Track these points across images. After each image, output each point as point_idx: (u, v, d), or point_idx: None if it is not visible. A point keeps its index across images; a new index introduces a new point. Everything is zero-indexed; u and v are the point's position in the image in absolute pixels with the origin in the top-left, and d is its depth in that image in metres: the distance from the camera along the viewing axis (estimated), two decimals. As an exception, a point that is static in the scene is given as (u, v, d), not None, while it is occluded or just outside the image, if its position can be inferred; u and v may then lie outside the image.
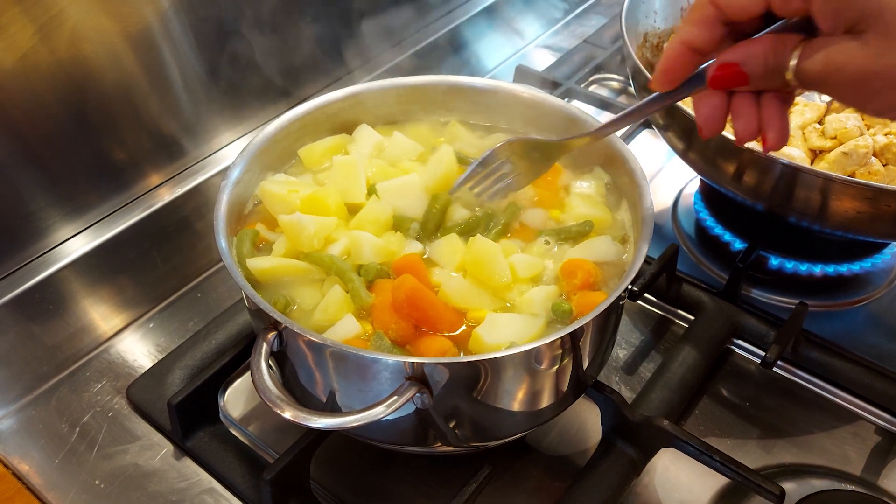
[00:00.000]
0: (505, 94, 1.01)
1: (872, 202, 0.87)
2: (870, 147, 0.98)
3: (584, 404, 0.93)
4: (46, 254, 1.02)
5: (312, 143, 0.98)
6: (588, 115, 0.95)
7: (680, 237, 1.21)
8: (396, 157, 0.98)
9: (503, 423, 0.80)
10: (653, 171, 1.33)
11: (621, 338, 1.06)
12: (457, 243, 0.86)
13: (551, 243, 0.88)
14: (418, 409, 0.72)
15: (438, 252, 0.86)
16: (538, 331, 0.79)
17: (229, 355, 0.93)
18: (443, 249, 0.85)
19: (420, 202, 0.91)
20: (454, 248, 0.85)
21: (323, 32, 1.27)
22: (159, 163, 1.12)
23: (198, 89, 1.13)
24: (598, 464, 0.86)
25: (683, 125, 0.99)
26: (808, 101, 1.06)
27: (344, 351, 0.71)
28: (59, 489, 0.88)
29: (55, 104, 0.98)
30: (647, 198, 0.83)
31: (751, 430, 0.96)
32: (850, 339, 1.04)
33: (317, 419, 0.68)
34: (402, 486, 0.88)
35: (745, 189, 0.98)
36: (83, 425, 0.94)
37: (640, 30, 1.19)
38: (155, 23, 1.04)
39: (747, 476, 0.81)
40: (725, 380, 1.01)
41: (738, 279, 1.05)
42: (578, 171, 0.98)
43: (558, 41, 1.67)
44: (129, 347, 1.04)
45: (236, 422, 0.95)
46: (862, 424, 0.96)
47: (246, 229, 0.87)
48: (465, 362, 0.70)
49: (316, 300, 0.81)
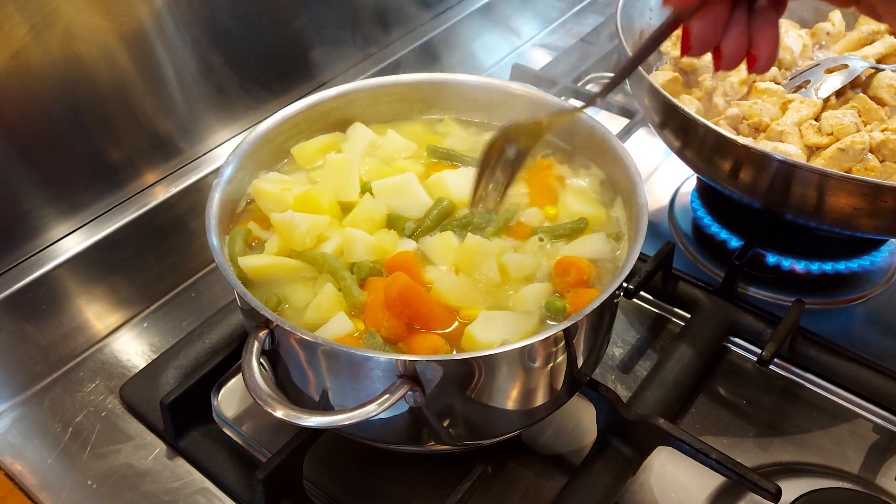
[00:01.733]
0: (499, 91, 1.01)
1: (869, 198, 0.87)
2: (866, 143, 0.97)
3: (579, 403, 0.93)
4: (40, 252, 1.01)
5: (305, 142, 0.97)
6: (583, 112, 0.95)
7: (676, 235, 1.20)
8: (390, 156, 0.98)
9: (497, 421, 0.79)
10: (649, 169, 1.32)
11: (617, 336, 1.05)
12: (451, 241, 0.85)
13: (545, 241, 0.87)
14: (411, 408, 0.72)
15: (432, 249, 0.85)
16: (531, 328, 0.78)
17: (223, 355, 0.93)
18: (436, 246, 0.85)
19: (415, 201, 0.90)
20: (448, 246, 0.85)
21: (317, 31, 1.26)
22: (153, 161, 1.11)
23: (192, 88, 1.12)
24: (593, 462, 0.86)
25: (680, 123, 0.98)
26: (804, 98, 1.06)
27: (335, 349, 0.70)
28: (52, 489, 0.88)
29: (49, 103, 0.97)
30: (641, 194, 0.83)
31: (747, 428, 0.95)
32: (847, 336, 1.03)
33: (308, 417, 0.68)
34: (396, 485, 0.88)
35: (742, 186, 0.97)
36: (76, 425, 0.94)
37: (635, 27, 1.19)
38: (149, 22, 1.04)
39: (743, 474, 0.80)
40: (722, 378, 1.01)
41: (734, 277, 1.05)
42: (573, 168, 0.97)
43: (555, 40, 1.67)
44: (122, 347, 1.04)
45: (230, 421, 0.94)
46: (859, 422, 0.96)
47: (238, 228, 0.87)
48: (457, 360, 0.69)
49: (308, 298, 0.81)
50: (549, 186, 0.94)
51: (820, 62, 1.13)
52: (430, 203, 0.90)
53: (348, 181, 0.91)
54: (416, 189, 0.91)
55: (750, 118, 1.05)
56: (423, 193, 0.91)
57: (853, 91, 1.09)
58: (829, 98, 1.07)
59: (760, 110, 1.05)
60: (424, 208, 0.90)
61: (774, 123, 1.03)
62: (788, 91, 1.10)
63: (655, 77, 1.16)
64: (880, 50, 1.14)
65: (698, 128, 0.95)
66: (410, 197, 0.91)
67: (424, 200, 0.90)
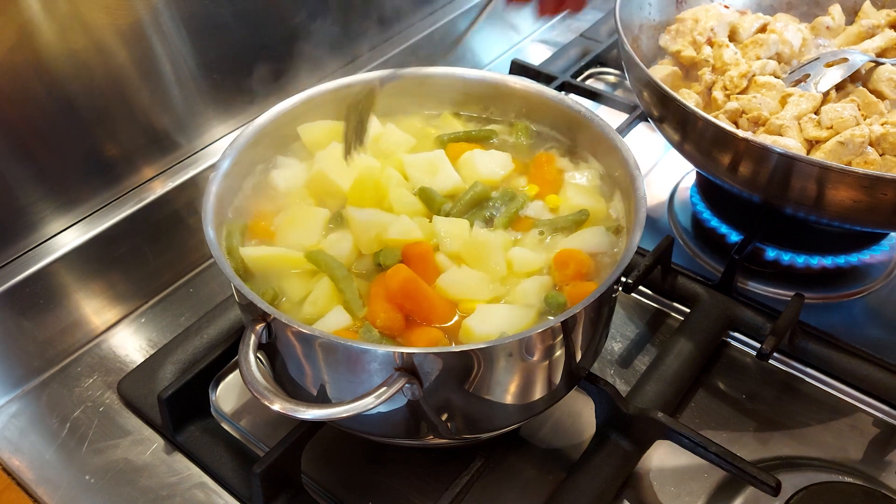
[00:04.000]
0: (497, 85, 1.00)
1: (869, 191, 0.87)
2: (866, 136, 0.97)
3: (578, 397, 0.92)
4: (37, 247, 1.01)
5: (312, 123, 0.97)
6: (580, 106, 0.95)
7: (676, 230, 1.20)
8: (390, 150, 0.97)
9: (495, 414, 0.79)
10: (649, 164, 1.32)
11: (616, 331, 1.05)
12: (464, 228, 0.85)
13: (545, 234, 0.87)
14: (409, 401, 0.72)
15: (445, 228, 0.85)
16: (529, 321, 0.78)
17: (220, 349, 0.93)
18: (450, 229, 0.85)
19: (445, 177, 0.92)
20: (460, 230, 0.85)
21: (316, 26, 1.26)
22: (151, 156, 1.11)
23: (189, 83, 1.12)
24: (592, 457, 0.85)
25: (679, 116, 0.98)
26: (804, 92, 1.05)
27: (333, 342, 0.70)
28: (50, 484, 0.88)
29: (46, 97, 0.97)
30: (640, 187, 0.82)
31: (747, 422, 0.95)
32: (847, 331, 1.03)
33: (305, 410, 0.67)
34: (394, 479, 0.88)
35: (741, 180, 0.97)
36: (74, 420, 0.94)
37: (634, 22, 1.19)
38: (146, 16, 1.03)
39: (743, 468, 0.80)
40: (721, 372, 1.00)
41: (733, 271, 1.04)
42: (573, 161, 0.97)
43: (554, 35, 1.66)
44: (120, 342, 1.04)
45: (228, 416, 0.94)
46: (859, 416, 0.96)
47: (235, 221, 0.87)
48: (454, 352, 0.69)
49: (306, 292, 0.81)
50: (549, 178, 0.94)
51: (819, 56, 1.13)
52: (458, 180, 0.92)
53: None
54: (445, 165, 0.92)
55: (749, 112, 1.05)
56: (452, 170, 0.93)
57: (853, 85, 1.08)
58: (829, 92, 1.06)
59: (760, 104, 1.05)
60: (452, 185, 0.91)
61: (774, 117, 1.03)
62: (788, 85, 1.09)
63: (654, 72, 1.16)
64: (880, 44, 1.14)
65: (698, 121, 0.94)
66: (440, 173, 0.92)
67: (453, 177, 0.92)
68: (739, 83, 1.09)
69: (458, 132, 0.99)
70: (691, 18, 1.19)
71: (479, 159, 0.94)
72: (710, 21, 1.17)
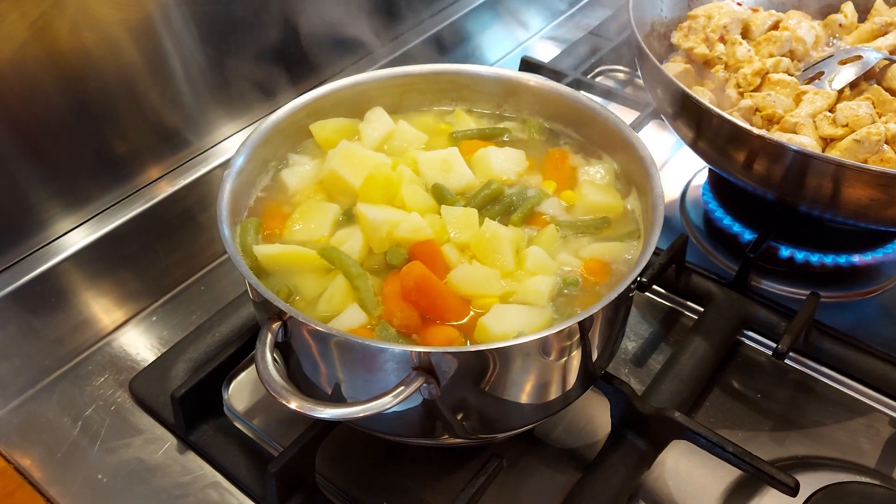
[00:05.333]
0: (511, 82, 1.00)
1: (886, 189, 0.86)
2: (882, 134, 0.96)
3: (592, 396, 0.92)
4: (47, 246, 1.00)
5: (324, 121, 0.97)
6: (594, 103, 0.94)
7: (688, 228, 1.19)
8: (402, 147, 0.97)
9: (511, 414, 0.78)
10: (660, 163, 1.31)
11: (630, 330, 1.04)
12: (472, 217, 0.85)
13: (567, 236, 0.87)
14: (425, 400, 0.71)
15: (455, 218, 0.84)
16: (545, 321, 0.77)
17: (233, 348, 0.92)
18: (458, 218, 0.84)
19: (458, 175, 0.91)
20: (469, 220, 0.84)
21: (326, 23, 1.25)
22: (160, 155, 1.11)
23: (199, 80, 1.11)
24: (607, 456, 0.85)
25: (693, 113, 0.97)
26: (818, 90, 1.05)
27: (350, 340, 0.70)
28: (62, 484, 0.87)
29: (55, 95, 0.96)
30: (657, 185, 0.82)
31: (763, 422, 0.94)
32: (862, 329, 1.02)
33: (322, 409, 0.67)
34: (409, 479, 0.87)
35: (756, 178, 0.96)
36: (85, 419, 0.93)
37: (646, 19, 1.18)
38: (156, 13, 1.03)
39: (761, 468, 0.79)
40: (736, 372, 1.00)
41: (747, 270, 1.04)
42: (586, 158, 0.96)
43: (563, 33, 1.66)
44: (131, 341, 1.03)
45: (241, 415, 0.94)
46: (876, 416, 0.95)
47: (249, 219, 0.86)
48: (473, 352, 0.68)
49: (320, 290, 0.80)
50: (564, 174, 0.94)
51: (833, 53, 1.12)
52: (472, 177, 0.92)
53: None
54: (459, 163, 0.92)
55: (763, 110, 1.04)
56: (466, 167, 0.92)
57: (867, 82, 1.08)
58: (844, 89, 1.06)
59: (774, 102, 1.04)
60: (466, 182, 0.91)
61: (788, 115, 1.02)
62: (802, 82, 1.09)
63: (667, 69, 1.15)
64: (893, 41, 1.13)
65: (712, 118, 0.94)
66: (453, 171, 0.91)
67: (467, 174, 0.91)
68: (753, 81, 1.08)
69: (472, 129, 0.99)
70: (704, 15, 1.18)
71: (492, 157, 0.94)
72: (722, 18, 1.16)
